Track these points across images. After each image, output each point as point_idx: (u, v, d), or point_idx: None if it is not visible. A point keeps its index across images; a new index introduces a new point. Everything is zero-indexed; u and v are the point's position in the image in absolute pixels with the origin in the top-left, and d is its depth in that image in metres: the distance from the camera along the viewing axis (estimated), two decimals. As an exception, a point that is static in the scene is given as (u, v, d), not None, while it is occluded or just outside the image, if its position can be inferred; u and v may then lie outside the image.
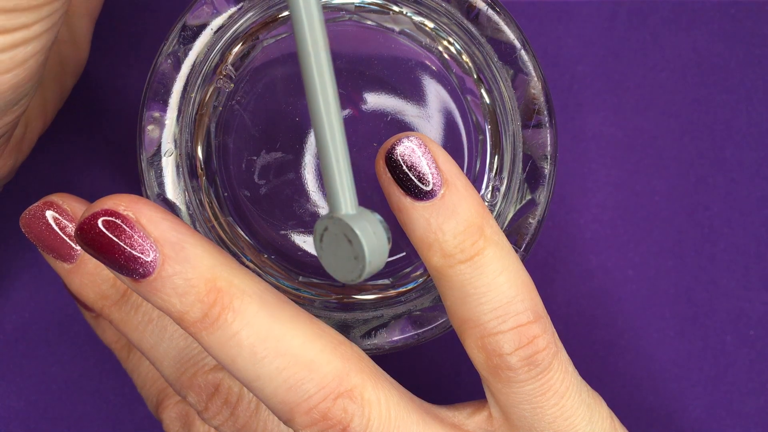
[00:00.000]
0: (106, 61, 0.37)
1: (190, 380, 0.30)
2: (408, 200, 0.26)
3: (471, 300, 0.27)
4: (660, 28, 0.38)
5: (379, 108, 0.31)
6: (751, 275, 0.38)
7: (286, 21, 0.31)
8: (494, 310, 0.27)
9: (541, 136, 0.30)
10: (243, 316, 0.26)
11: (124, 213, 0.25)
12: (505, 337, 0.27)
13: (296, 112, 0.31)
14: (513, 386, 0.28)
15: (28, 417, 0.38)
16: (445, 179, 0.26)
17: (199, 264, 0.26)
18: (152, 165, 0.30)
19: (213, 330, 0.26)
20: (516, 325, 0.27)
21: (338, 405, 0.26)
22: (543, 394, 0.28)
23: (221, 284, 0.26)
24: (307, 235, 0.32)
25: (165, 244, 0.25)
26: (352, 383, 0.27)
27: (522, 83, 0.30)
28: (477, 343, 0.28)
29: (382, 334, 0.30)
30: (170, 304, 0.26)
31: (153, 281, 0.25)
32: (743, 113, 0.38)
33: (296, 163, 0.31)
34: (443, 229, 0.26)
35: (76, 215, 0.30)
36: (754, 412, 0.38)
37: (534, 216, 0.30)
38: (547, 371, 0.28)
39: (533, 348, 0.27)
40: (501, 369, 0.28)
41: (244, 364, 0.26)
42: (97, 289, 0.30)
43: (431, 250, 0.27)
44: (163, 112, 0.30)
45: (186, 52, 0.30)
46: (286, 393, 0.26)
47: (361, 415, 0.27)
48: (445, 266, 0.27)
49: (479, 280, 0.27)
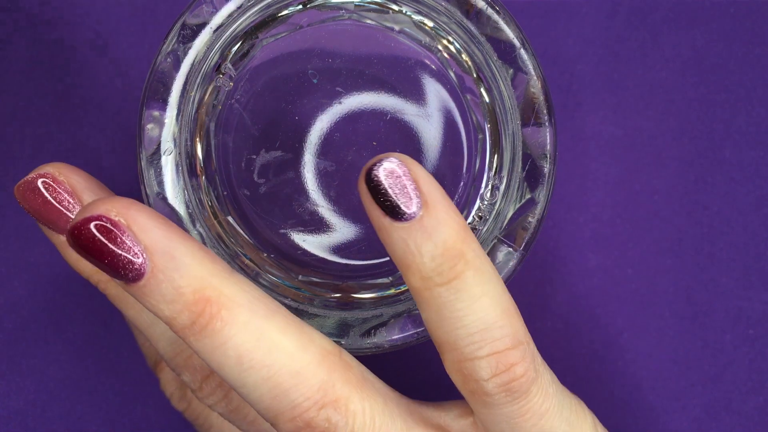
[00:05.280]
0: (106, 60, 0.37)
1: (185, 361, 0.30)
2: (387, 221, 0.26)
3: (448, 324, 0.27)
4: (659, 28, 0.38)
5: (378, 107, 0.31)
6: (751, 274, 0.38)
7: (285, 20, 0.31)
8: (471, 335, 0.27)
9: (541, 135, 0.30)
10: (230, 327, 0.26)
11: (116, 219, 0.25)
12: (481, 363, 0.27)
13: (296, 111, 0.31)
14: (491, 408, 0.28)
15: (28, 417, 0.38)
16: (425, 201, 0.26)
17: (189, 273, 0.26)
18: (152, 164, 0.30)
19: (200, 337, 0.26)
20: (492, 352, 0.27)
21: (322, 415, 0.27)
22: (521, 416, 0.28)
23: (210, 293, 0.26)
24: (306, 233, 0.32)
25: (155, 252, 0.25)
26: (337, 394, 0.27)
27: (521, 82, 0.30)
28: (454, 366, 0.27)
29: (382, 333, 0.30)
30: (159, 310, 0.26)
31: (142, 287, 0.26)
32: (743, 113, 0.38)
33: (296, 162, 0.31)
34: (421, 252, 0.26)
35: (71, 185, 0.30)
36: (753, 412, 0.38)
37: (533, 215, 0.30)
38: (525, 396, 0.28)
39: (510, 375, 0.27)
40: (477, 394, 0.27)
41: (230, 371, 0.26)
42: None
43: (409, 271, 0.27)
44: (162, 111, 0.30)
45: (185, 51, 0.30)
46: (271, 401, 0.26)
47: (345, 425, 0.27)
48: (422, 288, 0.27)
49: (456, 305, 0.27)
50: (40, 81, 0.37)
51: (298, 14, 0.31)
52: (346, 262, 0.32)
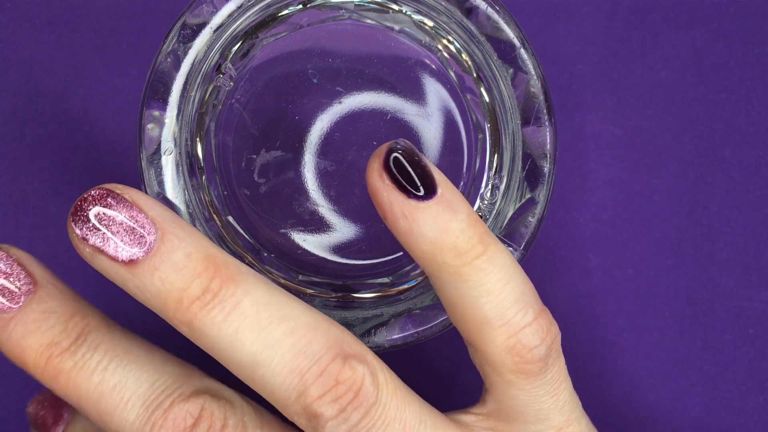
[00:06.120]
0: (106, 60, 0.37)
1: (165, 414, 0.27)
2: (413, 203, 0.26)
3: (492, 297, 0.26)
4: (659, 27, 0.38)
5: (378, 107, 0.31)
6: (751, 274, 0.38)
7: (286, 20, 0.31)
8: (516, 302, 0.27)
9: (541, 135, 0.30)
10: (245, 286, 0.26)
11: (121, 193, 0.26)
12: (532, 328, 0.27)
13: (296, 111, 0.31)
14: (536, 380, 0.27)
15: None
16: (438, 180, 0.26)
17: (197, 241, 0.26)
18: (152, 163, 0.30)
19: (212, 306, 0.25)
20: (536, 315, 0.27)
21: (349, 365, 0.26)
22: (557, 379, 0.28)
23: (219, 260, 0.26)
24: (306, 233, 0.32)
25: (163, 220, 0.26)
26: (354, 349, 0.26)
27: (521, 82, 0.30)
28: (505, 344, 0.27)
29: (382, 333, 0.30)
30: (169, 283, 0.25)
31: (152, 257, 0.25)
32: (743, 112, 0.38)
33: (296, 162, 0.31)
34: (451, 228, 0.26)
35: (21, 262, 0.28)
36: (753, 411, 0.38)
37: (533, 214, 0.30)
38: (561, 357, 0.28)
39: (552, 336, 0.27)
40: (530, 363, 0.27)
41: (248, 334, 0.26)
42: (43, 338, 0.27)
43: (444, 251, 0.26)
44: (162, 111, 0.30)
45: (186, 51, 0.30)
46: (295, 359, 0.26)
47: (372, 375, 0.26)
48: (460, 265, 0.26)
49: (496, 275, 0.26)
50: (40, 81, 0.37)
51: (298, 14, 0.31)
52: (346, 262, 0.32)
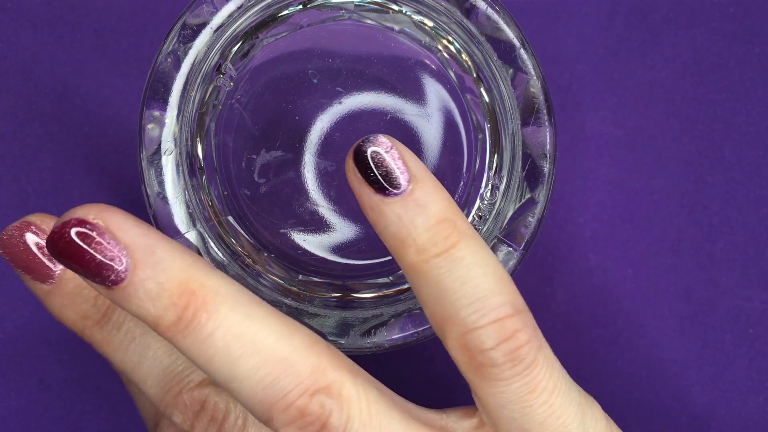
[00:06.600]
0: (106, 61, 0.37)
1: (174, 398, 0.30)
2: (378, 198, 0.26)
3: (448, 295, 0.27)
4: (659, 27, 0.38)
5: (378, 107, 0.31)
6: (750, 274, 0.38)
7: (286, 20, 0.31)
8: (472, 303, 0.27)
9: (541, 135, 0.30)
10: (216, 316, 0.26)
11: (94, 221, 0.25)
12: (486, 330, 0.27)
13: (296, 111, 0.31)
14: (499, 385, 0.27)
15: (28, 417, 0.38)
16: (413, 175, 0.26)
17: (171, 267, 0.26)
18: (152, 164, 0.30)
19: (188, 333, 0.26)
20: (495, 318, 0.27)
21: (316, 401, 0.26)
22: (531, 392, 0.27)
23: (194, 286, 0.26)
24: (306, 233, 0.32)
25: (136, 249, 0.25)
26: (329, 379, 0.26)
27: (521, 82, 0.30)
28: (459, 342, 0.27)
29: (382, 333, 0.30)
30: (144, 310, 0.26)
31: (126, 287, 0.25)
32: (742, 112, 0.38)
33: (296, 162, 0.31)
34: (415, 224, 0.26)
35: None
36: (753, 411, 0.38)
37: (533, 214, 0.30)
38: (533, 367, 0.27)
39: (515, 342, 0.27)
40: (485, 366, 0.27)
41: (220, 364, 0.26)
42: (77, 310, 0.30)
43: (404, 247, 0.27)
44: (163, 111, 0.30)
45: (186, 51, 0.30)
46: (264, 392, 0.26)
47: (340, 410, 0.26)
48: (419, 262, 0.27)
49: (454, 273, 0.27)
50: (40, 81, 0.37)
51: (298, 14, 0.31)
52: (346, 262, 0.32)
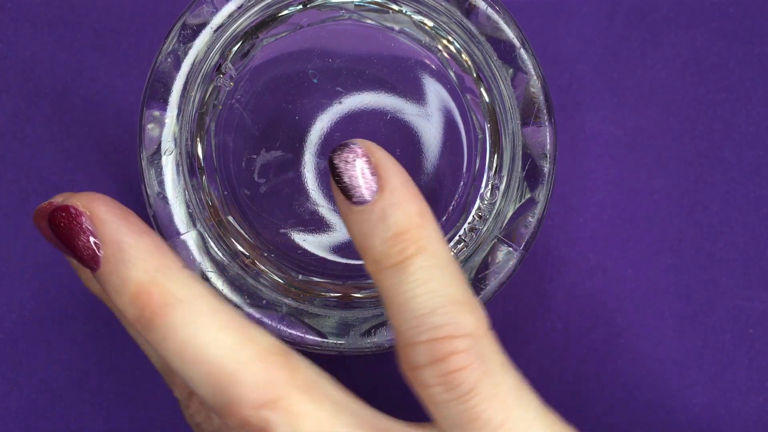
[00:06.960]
0: (106, 61, 0.37)
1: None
2: (346, 204, 0.27)
3: (394, 307, 0.26)
4: (659, 28, 0.38)
5: (378, 107, 0.31)
6: (750, 274, 0.38)
7: (286, 20, 0.31)
8: (412, 319, 0.26)
9: (541, 135, 0.30)
10: (168, 322, 0.26)
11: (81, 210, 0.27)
12: (419, 348, 0.26)
13: (296, 111, 0.31)
14: (438, 408, 0.26)
15: (28, 417, 0.38)
16: (381, 185, 0.26)
17: (135, 266, 0.26)
18: (152, 163, 0.30)
19: (147, 332, 0.27)
20: (431, 338, 0.26)
21: (259, 415, 0.26)
22: (473, 420, 0.26)
23: (152, 288, 0.26)
24: (306, 233, 0.32)
25: (106, 243, 0.27)
26: (276, 394, 0.26)
27: (521, 82, 0.30)
28: (401, 353, 0.27)
29: (382, 333, 0.30)
30: (113, 301, 0.27)
31: (99, 275, 0.27)
32: (742, 112, 0.38)
33: (296, 162, 0.31)
34: (374, 234, 0.26)
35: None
36: (753, 411, 0.38)
37: (533, 214, 0.30)
38: (473, 394, 0.26)
39: (448, 365, 0.26)
40: (418, 385, 0.26)
41: (176, 366, 0.27)
42: None
43: (365, 255, 0.27)
44: (163, 111, 0.30)
45: (186, 51, 0.30)
46: (213, 397, 0.26)
47: (285, 425, 0.26)
48: (374, 272, 0.27)
49: (402, 287, 0.26)
50: (40, 81, 0.37)
51: (298, 14, 0.31)
52: (346, 262, 0.32)
